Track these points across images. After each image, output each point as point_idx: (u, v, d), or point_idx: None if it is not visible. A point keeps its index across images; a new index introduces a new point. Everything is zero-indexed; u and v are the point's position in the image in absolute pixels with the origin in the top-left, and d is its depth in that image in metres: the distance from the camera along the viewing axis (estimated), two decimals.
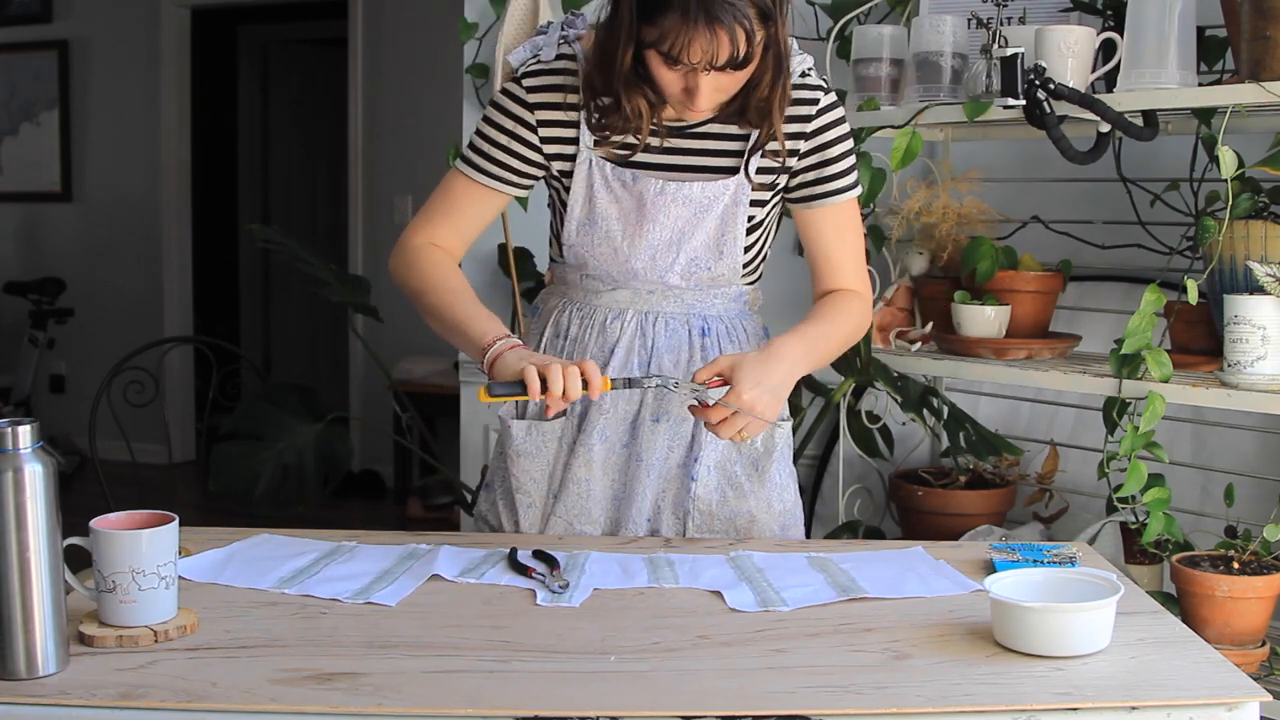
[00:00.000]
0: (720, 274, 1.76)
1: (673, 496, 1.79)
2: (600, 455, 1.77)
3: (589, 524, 1.79)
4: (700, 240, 1.74)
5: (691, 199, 1.72)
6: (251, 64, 7.08)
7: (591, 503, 1.78)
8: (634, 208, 1.73)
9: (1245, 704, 1.20)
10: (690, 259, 1.74)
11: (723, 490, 1.79)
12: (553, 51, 1.75)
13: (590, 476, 1.78)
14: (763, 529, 1.80)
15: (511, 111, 1.75)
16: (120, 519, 1.35)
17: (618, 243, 1.74)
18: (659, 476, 1.78)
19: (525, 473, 1.80)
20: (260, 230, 3.41)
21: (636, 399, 1.78)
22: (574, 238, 1.76)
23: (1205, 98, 2.00)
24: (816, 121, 1.74)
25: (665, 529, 1.79)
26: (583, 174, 1.74)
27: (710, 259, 1.75)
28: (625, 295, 1.78)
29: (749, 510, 1.79)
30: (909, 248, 2.56)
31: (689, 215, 1.73)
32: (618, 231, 1.74)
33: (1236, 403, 1.95)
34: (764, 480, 1.80)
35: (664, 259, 1.74)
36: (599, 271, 1.77)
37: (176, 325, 6.26)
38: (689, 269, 1.75)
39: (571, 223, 1.76)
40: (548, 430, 1.79)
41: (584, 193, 1.74)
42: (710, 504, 1.78)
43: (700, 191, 1.72)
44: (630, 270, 1.75)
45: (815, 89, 1.74)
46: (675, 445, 1.78)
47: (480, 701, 1.17)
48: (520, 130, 1.74)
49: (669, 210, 1.72)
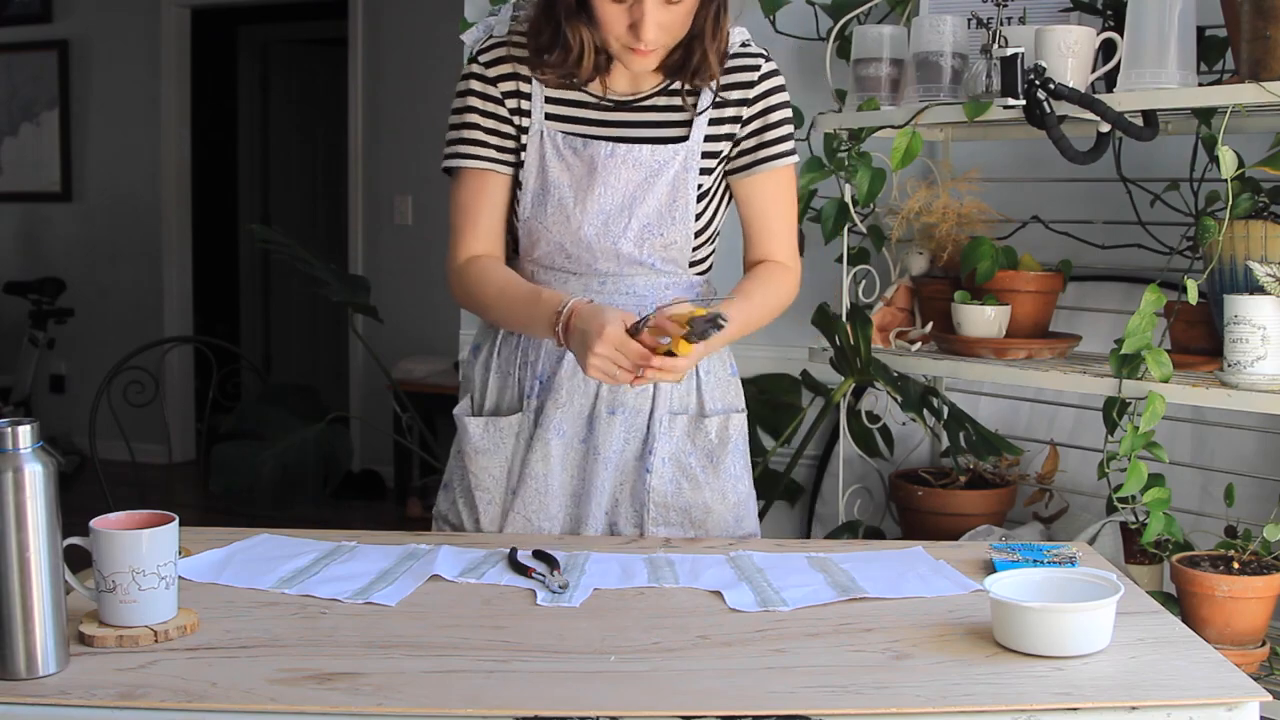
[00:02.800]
0: (673, 240, 1.77)
1: (630, 489, 1.80)
2: (558, 450, 1.78)
3: (548, 519, 1.79)
4: (652, 205, 1.75)
5: (641, 162, 1.74)
6: (251, 64, 7.08)
7: (550, 498, 1.79)
8: (585, 173, 1.75)
9: (1245, 704, 1.20)
10: (643, 225, 1.75)
11: (677, 482, 1.79)
12: (505, 27, 1.79)
13: (548, 472, 1.78)
14: (718, 520, 1.81)
15: (476, 90, 1.78)
16: (120, 519, 1.35)
17: (570, 209, 1.75)
18: (616, 469, 1.79)
19: (484, 470, 1.81)
20: (260, 230, 3.41)
21: (592, 392, 1.78)
22: (528, 211, 1.77)
23: (1205, 98, 2.00)
24: (759, 87, 1.78)
25: (623, 522, 1.80)
26: (535, 145, 1.76)
27: (663, 224, 1.76)
28: (577, 286, 1.78)
29: (704, 501, 1.80)
30: (909, 248, 2.55)
31: (640, 179, 1.75)
32: (570, 198, 1.75)
33: (1236, 403, 1.95)
34: (718, 471, 1.81)
35: (616, 224, 1.75)
36: (551, 251, 1.78)
37: (176, 325, 6.26)
38: (641, 235, 1.76)
39: (526, 196, 1.77)
40: (504, 426, 1.80)
41: (537, 163, 1.77)
42: (665, 495, 1.79)
43: (650, 155, 1.75)
44: (582, 240, 1.75)
45: (756, 56, 1.80)
46: (631, 438, 1.79)
47: (480, 701, 1.17)
48: (489, 106, 1.78)
49: (619, 173, 1.74)
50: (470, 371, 1.88)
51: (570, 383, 1.77)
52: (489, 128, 1.77)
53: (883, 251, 2.57)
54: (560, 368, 1.78)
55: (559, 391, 1.77)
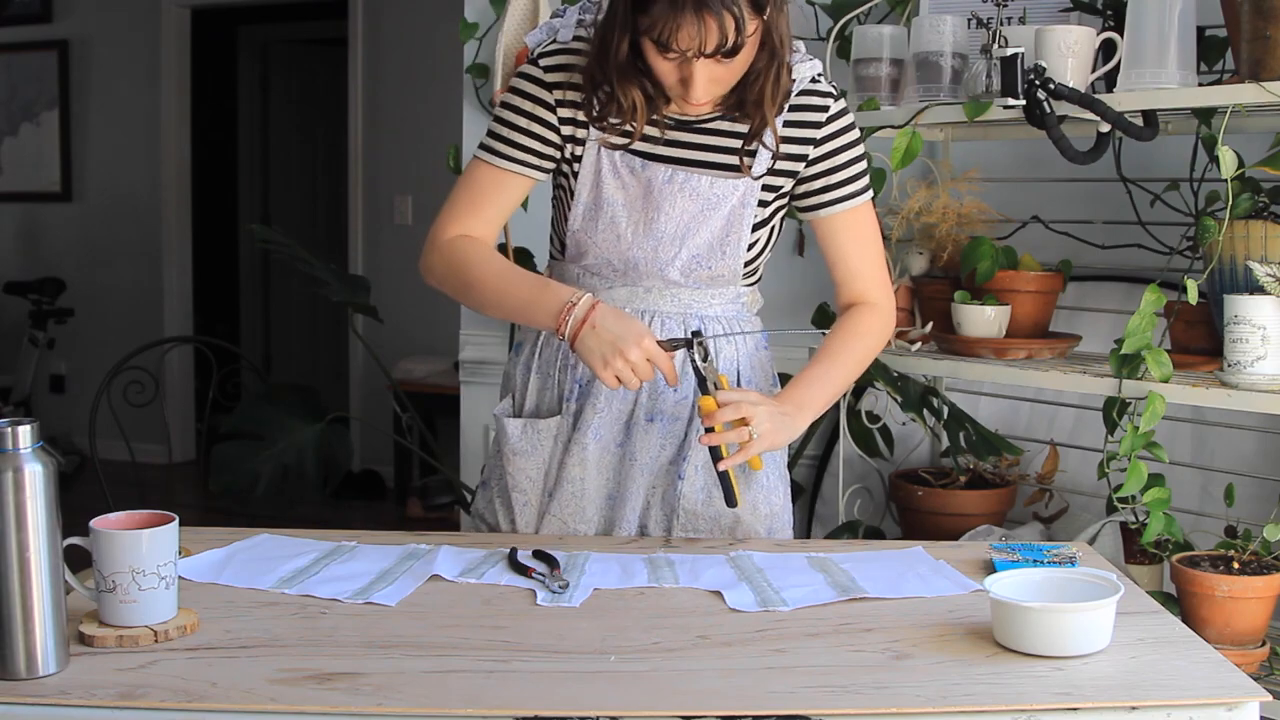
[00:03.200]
0: (720, 274, 1.76)
1: (661, 494, 1.79)
2: (595, 454, 1.77)
3: (583, 523, 1.79)
4: (705, 237, 1.73)
5: (699, 193, 1.72)
6: (251, 64, 7.08)
7: (586, 502, 1.78)
8: (641, 195, 1.73)
9: (1245, 704, 1.20)
10: (693, 255, 1.74)
11: (708, 490, 1.78)
12: (570, 33, 1.75)
13: (585, 475, 1.78)
14: (748, 530, 1.80)
15: (529, 93, 1.74)
16: (120, 519, 1.35)
17: (622, 229, 1.74)
18: (649, 474, 1.78)
19: (521, 471, 1.80)
20: (260, 230, 3.41)
21: (631, 398, 1.77)
22: (578, 223, 1.75)
23: (1205, 98, 2.00)
24: (827, 129, 1.74)
25: (653, 527, 1.80)
26: (591, 158, 1.74)
27: (713, 258, 1.74)
28: (623, 293, 1.77)
29: (734, 511, 1.78)
30: (909, 248, 2.55)
31: (696, 210, 1.72)
32: (623, 218, 1.74)
33: (1236, 403, 1.95)
34: (750, 483, 1.79)
35: (667, 252, 1.74)
36: (599, 263, 1.76)
37: (176, 325, 6.26)
38: (690, 265, 1.75)
39: (578, 208, 1.75)
40: (543, 428, 1.79)
41: (591, 178, 1.74)
42: (695, 503, 1.78)
43: (709, 186, 1.72)
44: (630, 261, 1.74)
45: (825, 95, 1.75)
46: (667, 444, 1.78)
47: (480, 701, 1.17)
48: (539, 111, 1.74)
49: (675, 201, 1.72)
50: (512, 370, 1.87)
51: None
52: (532, 131, 1.74)
53: None
54: None
55: (598, 396, 1.76)
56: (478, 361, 3.20)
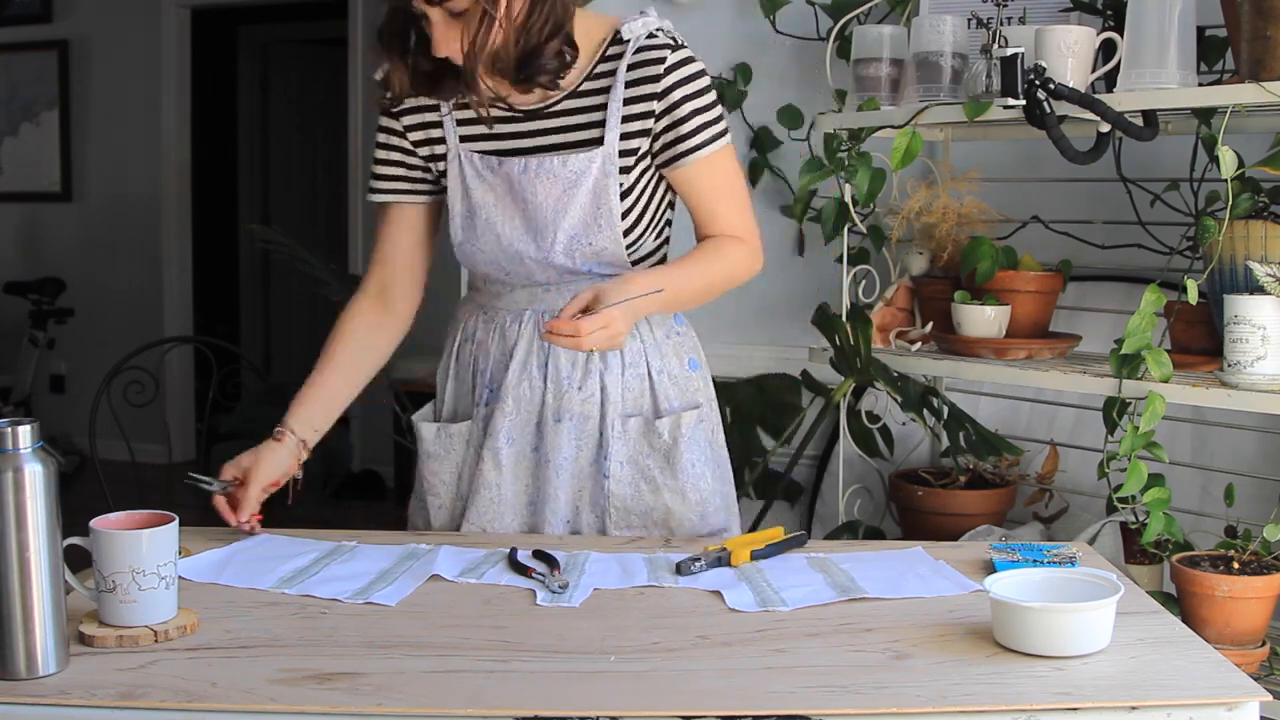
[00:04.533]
0: (603, 247, 1.75)
1: (589, 495, 1.80)
2: (509, 458, 1.79)
3: (502, 526, 1.80)
4: (575, 215, 1.73)
5: (555, 173, 1.73)
6: (251, 64, 7.08)
7: (504, 506, 1.79)
8: (506, 190, 1.75)
9: (1245, 704, 1.20)
10: (570, 236, 1.74)
11: (636, 484, 1.79)
12: None
13: (500, 480, 1.79)
14: (680, 520, 1.80)
15: (382, 124, 1.82)
16: (120, 519, 1.36)
17: (499, 228, 1.76)
18: (571, 476, 1.79)
19: (435, 474, 1.83)
20: (260, 230, 3.42)
21: (538, 399, 1.78)
22: (460, 235, 1.79)
23: (1205, 98, 2.00)
24: (666, 80, 1.72)
25: (585, 528, 1.80)
26: (455, 169, 1.77)
27: (590, 233, 1.74)
28: (523, 295, 1.80)
29: (664, 503, 1.79)
30: (909, 248, 2.55)
31: (559, 191, 1.73)
32: (497, 218, 1.76)
33: (1236, 403, 1.95)
34: (676, 471, 1.80)
35: (544, 239, 1.74)
36: (492, 267, 1.79)
37: (176, 325, 6.26)
38: (570, 246, 1.75)
39: (455, 219, 1.78)
40: (455, 433, 1.82)
41: (459, 187, 1.77)
42: (625, 499, 1.79)
43: (562, 165, 1.72)
44: (517, 256, 1.76)
45: (662, 48, 1.72)
46: (583, 444, 1.79)
47: (480, 701, 1.17)
48: (393, 140, 1.82)
49: (536, 187, 1.73)
50: (440, 376, 1.91)
51: (516, 390, 1.78)
52: (394, 160, 1.82)
53: (883, 251, 2.57)
54: (507, 375, 1.79)
55: (505, 399, 1.78)
56: None
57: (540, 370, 1.78)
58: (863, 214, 2.49)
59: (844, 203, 2.44)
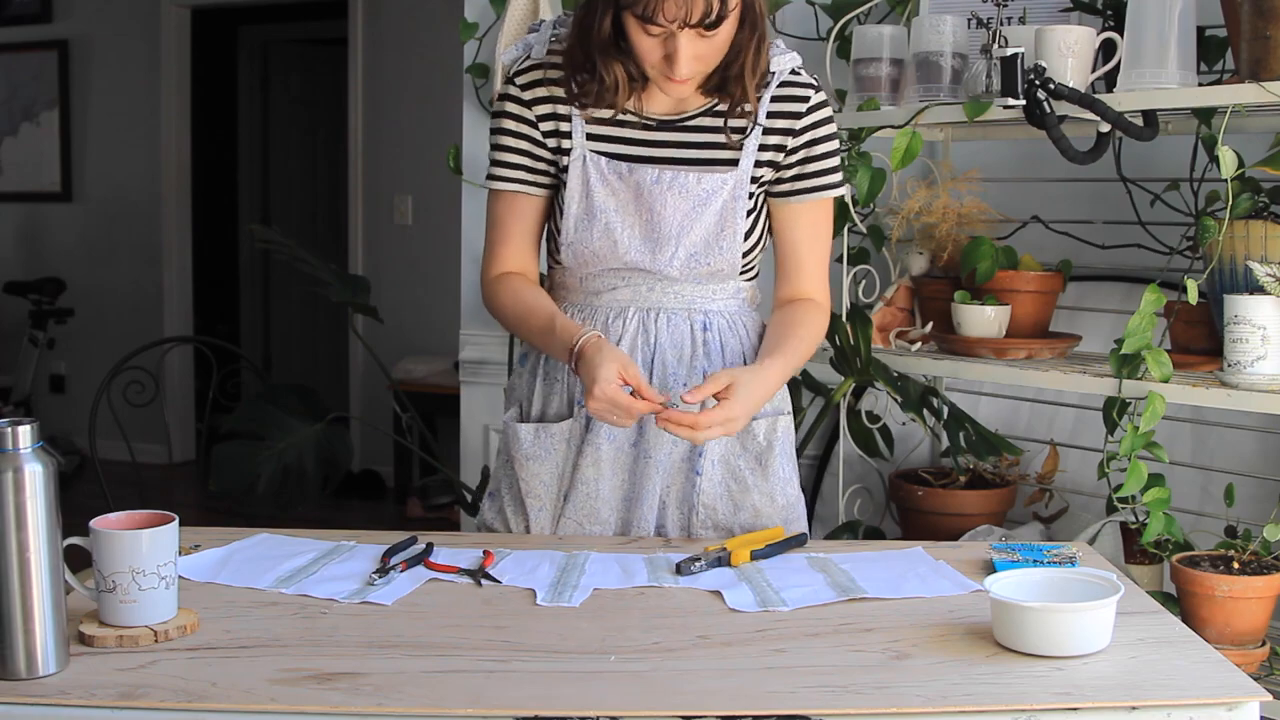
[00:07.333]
0: (719, 268, 1.76)
1: (677, 492, 1.79)
2: (609, 455, 1.77)
3: (598, 524, 1.78)
4: (700, 234, 1.74)
5: (689, 190, 1.73)
6: (251, 64, 7.08)
7: (600, 503, 1.78)
8: (631, 199, 1.74)
9: (1245, 704, 1.20)
10: (690, 253, 1.75)
11: (726, 485, 1.79)
12: (544, 49, 1.77)
13: (599, 476, 1.77)
14: (767, 522, 1.80)
15: (512, 113, 1.78)
16: (120, 519, 1.35)
17: (617, 235, 1.74)
18: (665, 473, 1.78)
19: (535, 476, 1.80)
20: (260, 230, 3.42)
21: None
22: (573, 234, 1.76)
23: (1205, 98, 2.00)
24: (807, 119, 1.76)
25: (670, 525, 1.79)
26: (578, 169, 1.75)
27: (710, 253, 1.75)
28: (626, 294, 1.78)
29: (753, 504, 1.79)
30: (909, 248, 2.55)
31: (688, 208, 1.73)
32: (617, 224, 1.75)
33: (1236, 403, 1.95)
34: (767, 474, 1.80)
35: (664, 252, 1.74)
36: (598, 269, 1.77)
37: (176, 325, 6.26)
38: (688, 263, 1.75)
39: (569, 219, 1.76)
40: (555, 432, 1.79)
41: (580, 187, 1.75)
42: (714, 499, 1.78)
43: (697, 183, 1.73)
44: (629, 264, 1.75)
45: (806, 86, 1.77)
46: (680, 441, 1.77)
47: (480, 701, 1.17)
48: (524, 129, 1.77)
49: (666, 200, 1.73)
50: (518, 381, 1.88)
51: None
52: (522, 149, 1.78)
53: (883, 251, 2.57)
54: None
55: None
56: (478, 361, 3.20)
57: (646, 367, 1.77)
58: (863, 214, 2.49)
59: (844, 203, 2.43)
